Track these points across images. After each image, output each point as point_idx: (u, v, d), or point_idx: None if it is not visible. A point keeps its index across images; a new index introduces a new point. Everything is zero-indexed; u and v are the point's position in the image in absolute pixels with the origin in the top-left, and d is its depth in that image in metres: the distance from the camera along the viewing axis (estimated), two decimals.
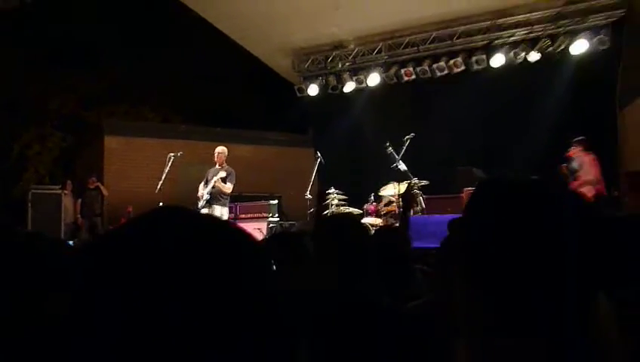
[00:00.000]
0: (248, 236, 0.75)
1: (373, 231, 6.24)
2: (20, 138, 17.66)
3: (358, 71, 14.46)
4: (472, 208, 1.18)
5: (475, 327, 1.11)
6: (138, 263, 0.65)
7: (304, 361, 0.79)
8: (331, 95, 14.88)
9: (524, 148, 12.10)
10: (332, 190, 12.07)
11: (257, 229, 10.93)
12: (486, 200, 1.17)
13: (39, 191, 13.70)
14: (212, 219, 0.75)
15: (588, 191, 10.34)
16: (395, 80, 13.96)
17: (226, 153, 10.66)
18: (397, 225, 10.43)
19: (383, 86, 14.22)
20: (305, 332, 1.90)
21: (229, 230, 0.73)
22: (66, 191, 13.77)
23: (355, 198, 12.18)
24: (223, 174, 10.37)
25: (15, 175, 17.31)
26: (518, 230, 1.06)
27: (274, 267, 0.80)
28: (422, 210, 11.06)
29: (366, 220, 10.81)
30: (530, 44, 12.61)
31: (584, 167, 10.52)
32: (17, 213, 13.56)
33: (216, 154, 10.63)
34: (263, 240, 3.35)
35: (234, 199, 11.15)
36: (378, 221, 11.11)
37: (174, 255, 0.65)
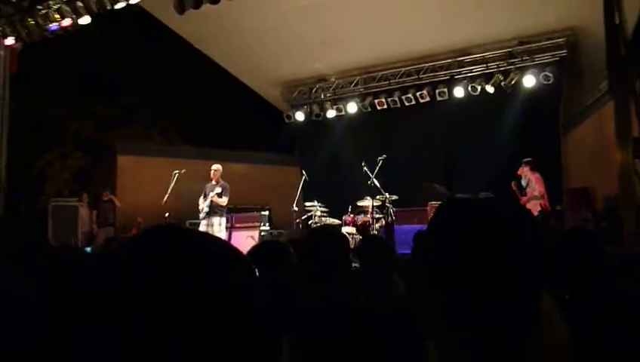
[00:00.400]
0: (233, 248, 0.76)
1: (360, 239, 6.21)
2: (41, 157, 17.57)
3: (338, 100, 14.54)
4: (436, 222, 1.19)
5: (438, 325, 1.12)
6: (143, 272, 0.67)
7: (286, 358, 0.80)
8: (315, 121, 14.95)
9: (481, 167, 12.13)
10: (315, 203, 12.11)
11: (250, 237, 10.89)
12: (448, 216, 1.18)
13: (58, 203, 13.57)
14: (203, 234, 0.77)
15: (534, 205, 10.39)
16: (369, 109, 14.04)
17: (221, 170, 10.62)
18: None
19: (359, 114, 14.30)
20: (288, 330, 1.89)
21: (216, 243, 0.75)
22: (82, 203, 13.64)
23: (335, 210, 12.19)
24: (218, 190, 10.32)
25: (37, 190, 17.19)
26: (475, 241, 1.07)
27: (257, 273, 0.81)
28: (392, 221, 11.08)
29: (344, 229, 10.79)
30: (486, 78, 12.68)
31: (531, 184, 10.60)
32: (39, 223, 13.45)
33: (212, 172, 10.58)
34: (254, 246, 3.34)
35: (230, 210, 11.09)
36: (354, 230, 11.09)
37: (173, 265, 0.68)
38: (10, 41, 11.14)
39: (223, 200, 10.36)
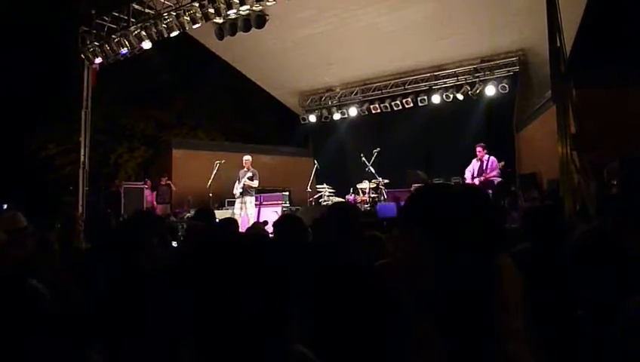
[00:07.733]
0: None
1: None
2: (115, 151, 17.69)
3: (341, 106, 14.50)
4: (409, 206, 1.15)
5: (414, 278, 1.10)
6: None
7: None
8: (324, 122, 14.95)
9: (453, 157, 12.10)
10: (324, 185, 12.15)
11: (275, 211, 10.93)
12: (417, 202, 1.14)
13: (128, 186, 13.66)
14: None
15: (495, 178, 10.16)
16: (366, 112, 13.97)
17: (251, 160, 10.67)
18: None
19: (358, 116, 14.24)
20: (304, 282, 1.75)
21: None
22: (146, 186, 13.71)
23: (340, 191, 12.23)
24: (249, 174, 10.40)
25: (112, 176, 17.33)
26: (443, 213, 1.05)
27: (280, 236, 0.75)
28: (384, 200, 11.12)
29: None
30: (457, 88, 12.59)
31: (491, 164, 10.34)
32: (114, 201, 13.56)
33: (244, 161, 10.64)
34: (278, 218, 3.39)
35: (258, 191, 11.11)
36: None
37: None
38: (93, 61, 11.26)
39: (255, 183, 10.42)
